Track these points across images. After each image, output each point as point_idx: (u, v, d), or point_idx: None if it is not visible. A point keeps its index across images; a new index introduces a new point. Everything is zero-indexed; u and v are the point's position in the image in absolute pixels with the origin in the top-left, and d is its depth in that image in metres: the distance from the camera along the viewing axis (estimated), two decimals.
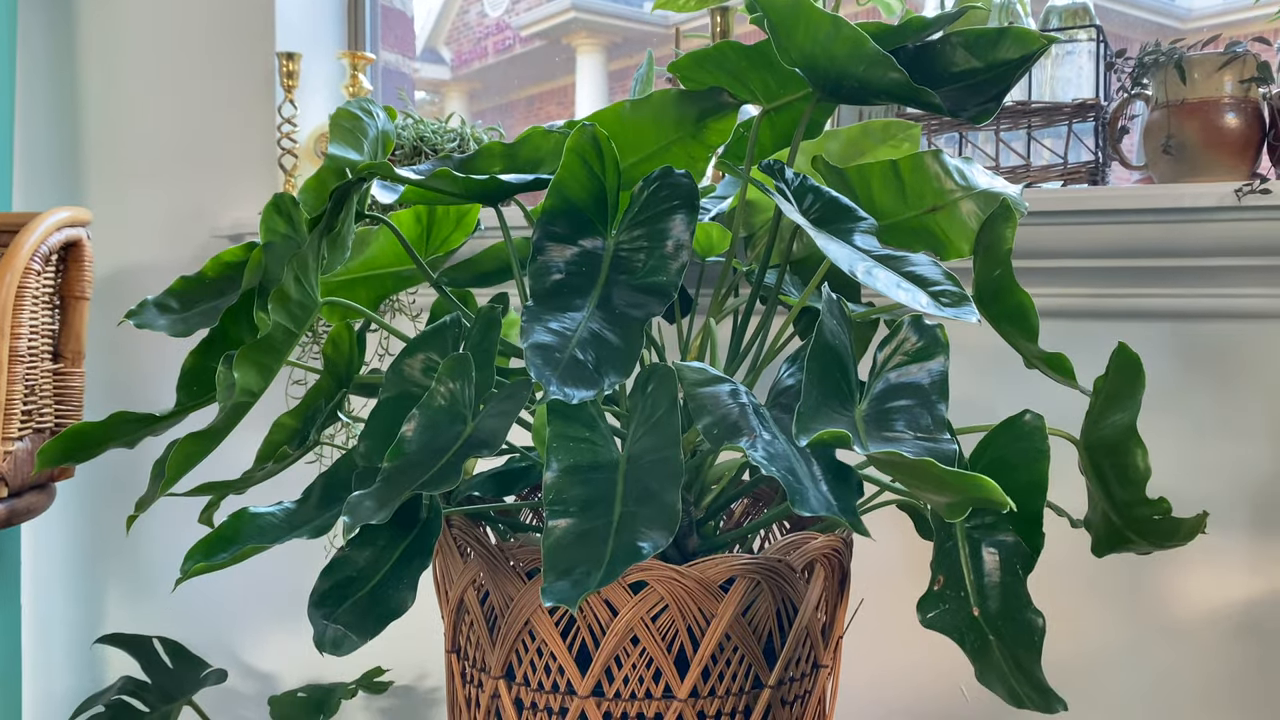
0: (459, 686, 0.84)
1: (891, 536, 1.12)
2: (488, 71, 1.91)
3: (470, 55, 1.94)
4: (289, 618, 1.45)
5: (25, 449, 1.07)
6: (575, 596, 0.55)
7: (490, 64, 1.91)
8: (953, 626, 0.60)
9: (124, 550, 1.53)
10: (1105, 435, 0.70)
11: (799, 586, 0.79)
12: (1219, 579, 1.03)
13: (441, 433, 0.66)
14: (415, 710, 1.39)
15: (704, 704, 0.76)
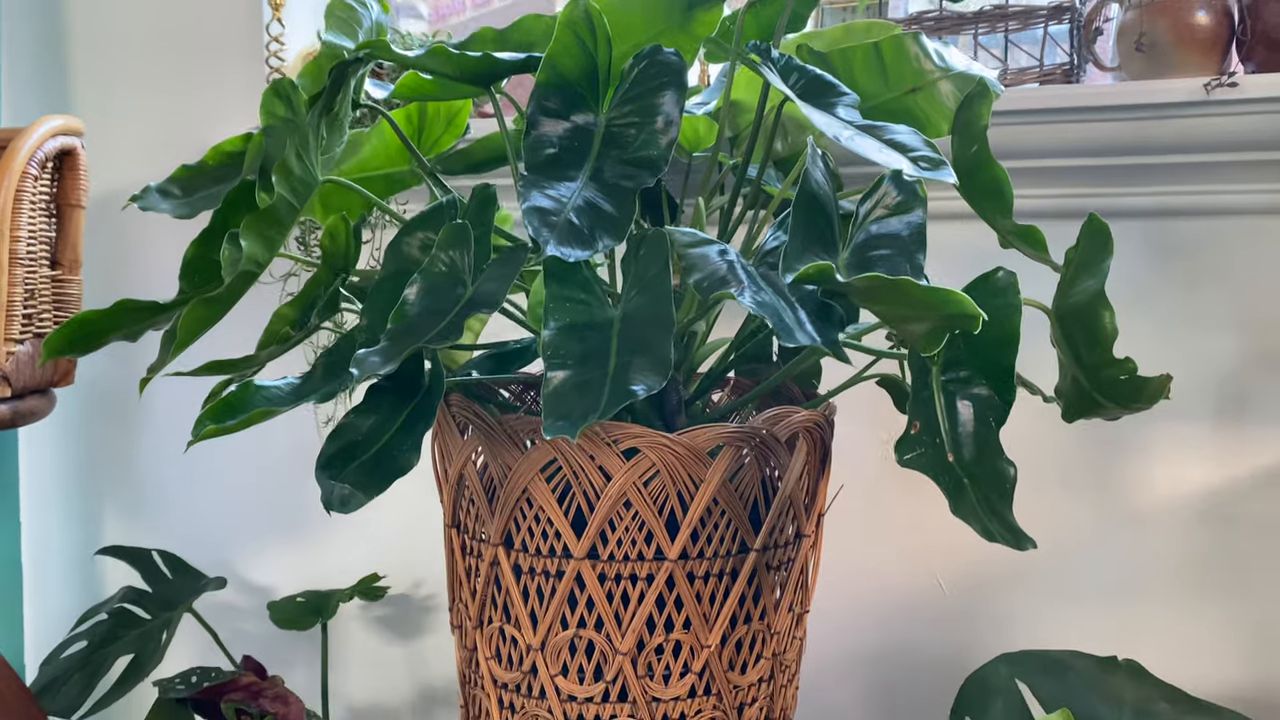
0: (459, 559, 0.87)
1: (869, 433, 1.17)
2: (465, 26, 1.91)
3: (448, 10, 1.94)
4: (285, 534, 1.49)
5: (27, 352, 1.09)
6: (574, 429, 0.58)
7: (467, 19, 1.91)
8: (929, 467, 0.64)
9: (120, 469, 1.56)
10: (1075, 302, 0.73)
11: (783, 457, 0.82)
12: (1183, 468, 1.07)
13: (442, 296, 0.68)
14: (410, 616, 1.43)
15: (693, 565, 0.80)
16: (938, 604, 1.16)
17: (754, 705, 0.85)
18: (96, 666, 1.28)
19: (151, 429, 1.54)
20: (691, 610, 0.80)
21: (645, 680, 0.81)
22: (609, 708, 0.81)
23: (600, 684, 0.81)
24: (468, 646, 0.88)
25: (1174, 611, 1.07)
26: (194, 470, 1.52)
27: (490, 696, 0.86)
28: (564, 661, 0.81)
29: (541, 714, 0.83)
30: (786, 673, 0.89)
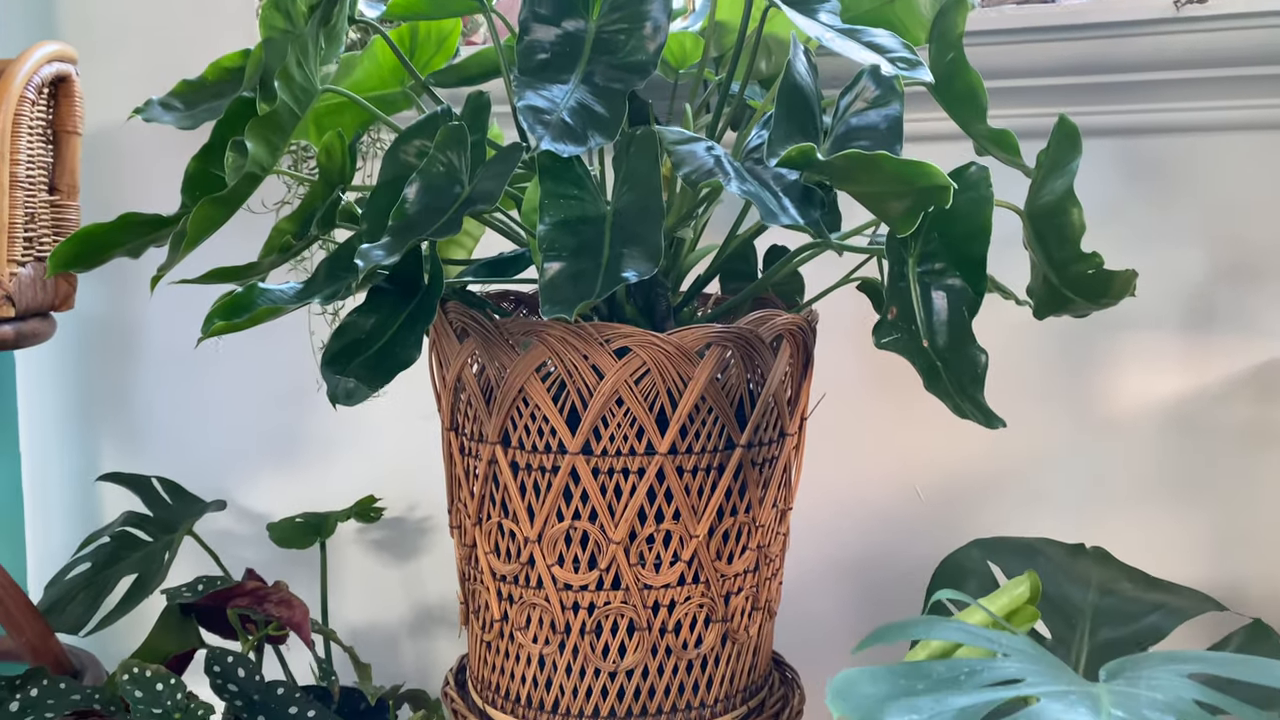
0: (457, 461, 0.91)
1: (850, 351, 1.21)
2: None
3: None
4: (281, 463, 1.52)
5: (28, 275, 1.11)
6: (570, 310, 0.62)
7: None
8: (905, 350, 0.68)
9: (117, 401, 1.58)
10: (1046, 202, 0.77)
11: (767, 357, 0.86)
12: (1151, 378, 1.12)
13: (441, 194, 0.71)
14: (406, 538, 1.47)
15: (682, 460, 0.84)
16: (916, 513, 1.21)
17: (740, 594, 0.89)
18: (101, 586, 1.32)
19: (148, 361, 1.56)
20: (681, 502, 0.84)
21: (637, 568, 0.85)
22: (603, 595, 0.85)
23: (594, 572, 0.85)
24: (467, 544, 0.92)
25: (1141, 515, 1.12)
26: (191, 402, 1.55)
27: (489, 589, 0.90)
28: (560, 552, 0.85)
29: (539, 603, 0.87)
30: (771, 566, 0.93)
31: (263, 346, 1.48)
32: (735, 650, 0.90)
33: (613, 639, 0.86)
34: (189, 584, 1.15)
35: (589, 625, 0.86)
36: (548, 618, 0.87)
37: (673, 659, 0.87)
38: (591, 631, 0.86)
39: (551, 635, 0.87)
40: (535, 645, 0.88)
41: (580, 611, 0.86)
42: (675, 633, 0.87)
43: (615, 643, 0.86)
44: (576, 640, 0.86)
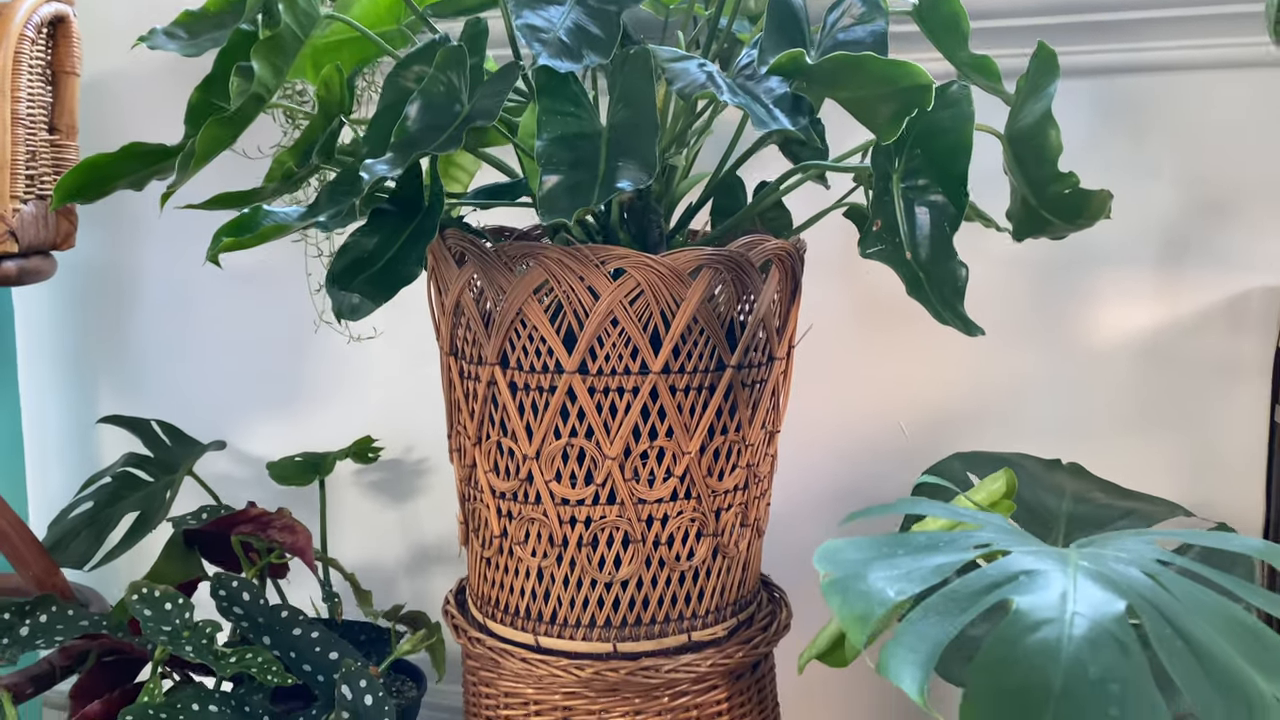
0: (457, 384, 0.94)
1: (837, 289, 1.24)
2: None
3: None
4: (279, 408, 1.54)
5: (31, 212, 1.13)
6: (570, 214, 0.64)
7: None
8: (889, 260, 0.71)
9: (114, 348, 1.60)
10: (1025, 124, 0.80)
11: (757, 281, 0.89)
12: (1127, 311, 1.15)
13: (442, 113, 0.74)
14: (403, 480, 1.50)
15: (675, 379, 0.87)
16: (900, 444, 1.24)
17: (730, 510, 0.93)
18: (104, 524, 1.34)
19: (145, 308, 1.58)
20: (674, 420, 0.87)
21: (632, 483, 0.88)
22: (599, 509, 0.89)
23: (591, 487, 0.88)
24: (467, 464, 0.95)
25: (1116, 442, 1.16)
26: (188, 348, 1.57)
27: (489, 507, 0.93)
28: (557, 468, 0.89)
29: (537, 517, 0.90)
30: (759, 485, 0.96)
31: (259, 291, 1.50)
32: (726, 564, 0.94)
33: (608, 551, 0.89)
34: (193, 512, 1.18)
35: (585, 538, 0.89)
36: (545, 532, 0.90)
37: (666, 571, 0.91)
38: (588, 544, 0.89)
39: (549, 549, 0.90)
40: (534, 559, 0.91)
41: (577, 525, 0.89)
42: (668, 545, 0.90)
43: (611, 555, 0.90)
44: (574, 553, 0.90)
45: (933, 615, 0.43)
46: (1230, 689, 0.40)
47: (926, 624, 0.43)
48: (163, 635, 0.96)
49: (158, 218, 1.54)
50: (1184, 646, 0.42)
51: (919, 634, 0.42)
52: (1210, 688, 0.40)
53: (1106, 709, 0.37)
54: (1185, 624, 0.43)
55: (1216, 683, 0.40)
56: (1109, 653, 0.39)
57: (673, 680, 0.91)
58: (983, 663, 0.40)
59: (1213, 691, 0.40)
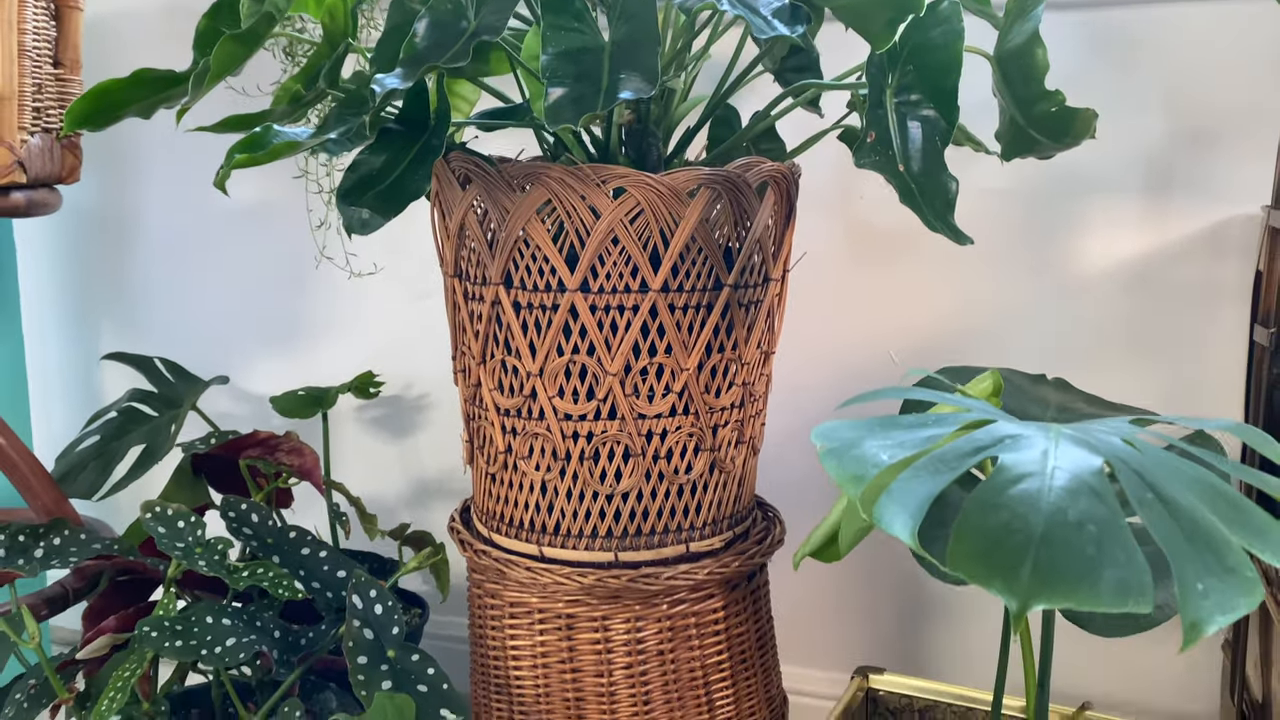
0: (462, 305, 0.96)
1: (828, 221, 1.26)
2: None
3: None
4: (279, 347, 1.57)
5: (37, 144, 1.14)
6: (575, 119, 0.67)
7: None
8: (882, 170, 0.73)
9: (115, 290, 1.62)
10: (1013, 45, 0.82)
11: (753, 201, 0.92)
12: (1113, 239, 1.18)
13: (448, 29, 0.76)
14: (404, 416, 1.53)
15: (674, 297, 0.90)
16: (890, 373, 1.28)
17: (727, 427, 0.96)
18: (110, 456, 1.37)
19: (146, 249, 1.60)
20: (672, 337, 0.90)
21: (632, 399, 0.91)
22: (600, 424, 0.92)
23: (593, 403, 0.91)
24: (472, 383, 0.98)
25: (1101, 367, 1.20)
26: (189, 287, 1.59)
27: (494, 424, 0.96)
28: (560, 385, 0.91)
29: (540, 432, 0.93)
30: (755, 404, 0.99)
31: (259, 230, 1.52)
32: (722, 479, 0.97)
33: (609, 465, 0.93)
34: (202, 438, 1.20)
35: (588, 452, 0.92)
36: (549, 446, 0.93)
37: (665, 484, 0.94)
38: (590, 458, 0.92)
39: (553, 463, 0.93)
40: (538, 473, 0.94)
41: (579, 440, 0.92)
42: (667, 459, 0.93)
43: (612, 468, 0.93)
44: (576, 466, 0.93)
45: (922, 474, 0.46)
46: (1201, 540, 0.43)
47: (916, 481, 0.46)
48: (176, 550, 0.99)
49: (159, 158, 1.56)
50: (1156, 499, 0.45)
51: (909, 490, 0.45)
52: (1182, 538, 0.43)
53: (1084, 547, 0.41)
54: (1160, 483, 0.46)
55: (1189, 535, 0.43)
56: (1086, 500, 0.42)
57: (671, 587, 0.94)
58: (969, 509, 0.44)
59: (1184, 541, 0.43)
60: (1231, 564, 0.42)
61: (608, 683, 0.95)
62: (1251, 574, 0.42)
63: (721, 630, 0.98)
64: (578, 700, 0.96)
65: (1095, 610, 0.39)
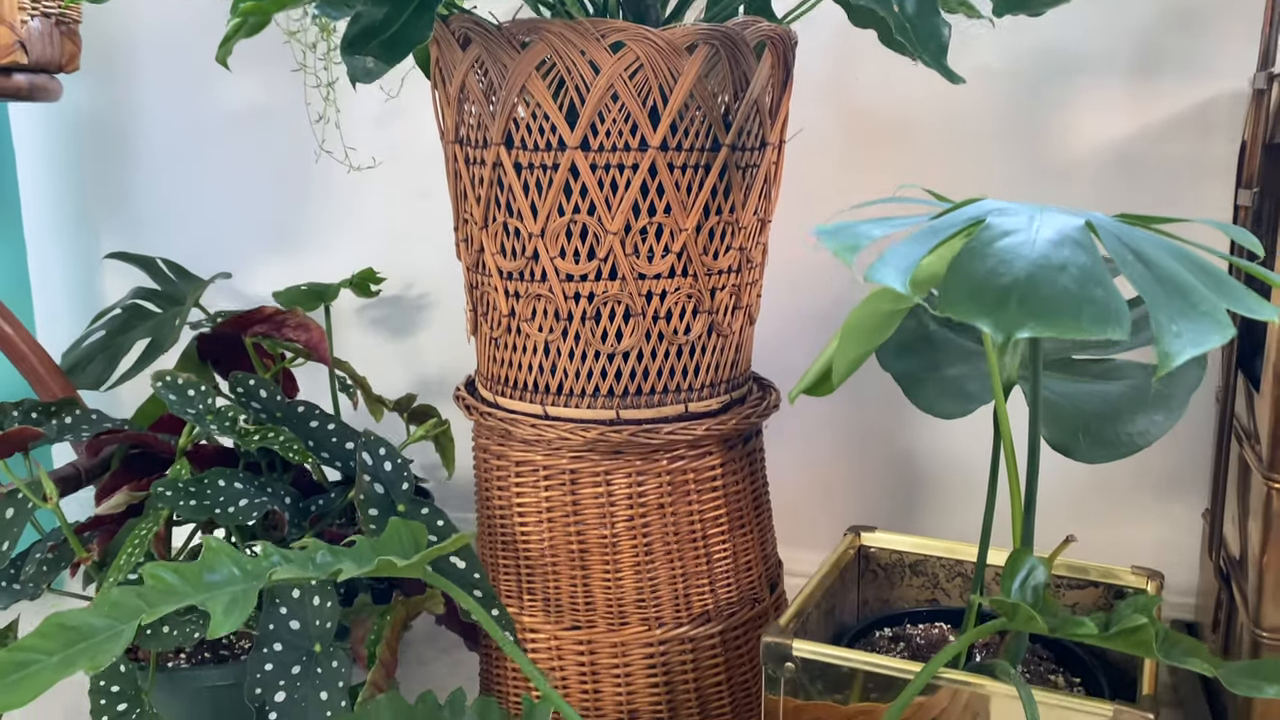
0: (463, 172, 0.98)
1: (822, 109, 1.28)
2: None
3: None
4: (279, 249, 1.58)
5: (37, 28, 1.15)
6: None
7: None
8: (878, 5, 0.75)
9: (114, 196, 1.63)
10: None
11: (751, 60, 0.93)
12: (1101, 121, 1.20)
13: None
14: (404, 315, 1.55)
15: (672, 156, 0.92)
16: None
17: (724, 290, 0.98)
18: (117, 350, 1.39)
19: (142, 153, 1.61)
20: (671, 196, 0.92)
21: (632, 258, 0.93)
22: (601, 284, 0.94)
23: (594, 262, 0.93)
24: (474, 250, 1.00)
25: None
26: (187, 191, 1.60)
27: (498, 289, 0.98)
28: (561, 245, 0.93)
29: (543, 294, 0.95)
30: (752, 271, 1.02)
31: (257, 129, 1.53)
32: (720, 343, 1.00)
33: (610, 325, 0.95)
34: (208, 317, 1.22)
35: (589, 312, 0.95)
36: (551, 308, 0.95)
37: (665, 344, 0.96)
38: (591, 318, 0.95)
39: (555, 324, 0.96)
40: (540, 334, 0.97)
41: (581, 300, 0.95)
42: (666, 320, 0.96)
43: (613, 328, 0.95)
44: (578, 327, 0.95)
45: (914, 240, 0.49)
46: (1178, 292, 0.46)
47: (908, 245, 0.48)
48: (188, 415, 1.01)
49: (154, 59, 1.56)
50: (1136, 259, 0.47)
51: (901, 252, 0.48)
52: (1160, 290, 0.45)
53: (1066, 285, 0.43)
54: (1141, 247, 0.48)
55: (1167, 289, 0.46)
56: (1069, 249, 0.45)
57: (671, 442, 0.97)
58: (959, 259, 0.46)
59: (1162, 293, 0.45)
60: (1205, 310, 0.44)
61: (610, 535, 0.98)
62: (1224, 319, 0.45)
63: (719, 486, 1.01)
64: (582, 552, 0.99)
65: (1075, 338, 0.42)
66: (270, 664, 0.95)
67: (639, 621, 1.00)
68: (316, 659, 0.96)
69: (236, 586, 0.65)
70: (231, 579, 0.66)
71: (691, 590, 1.01)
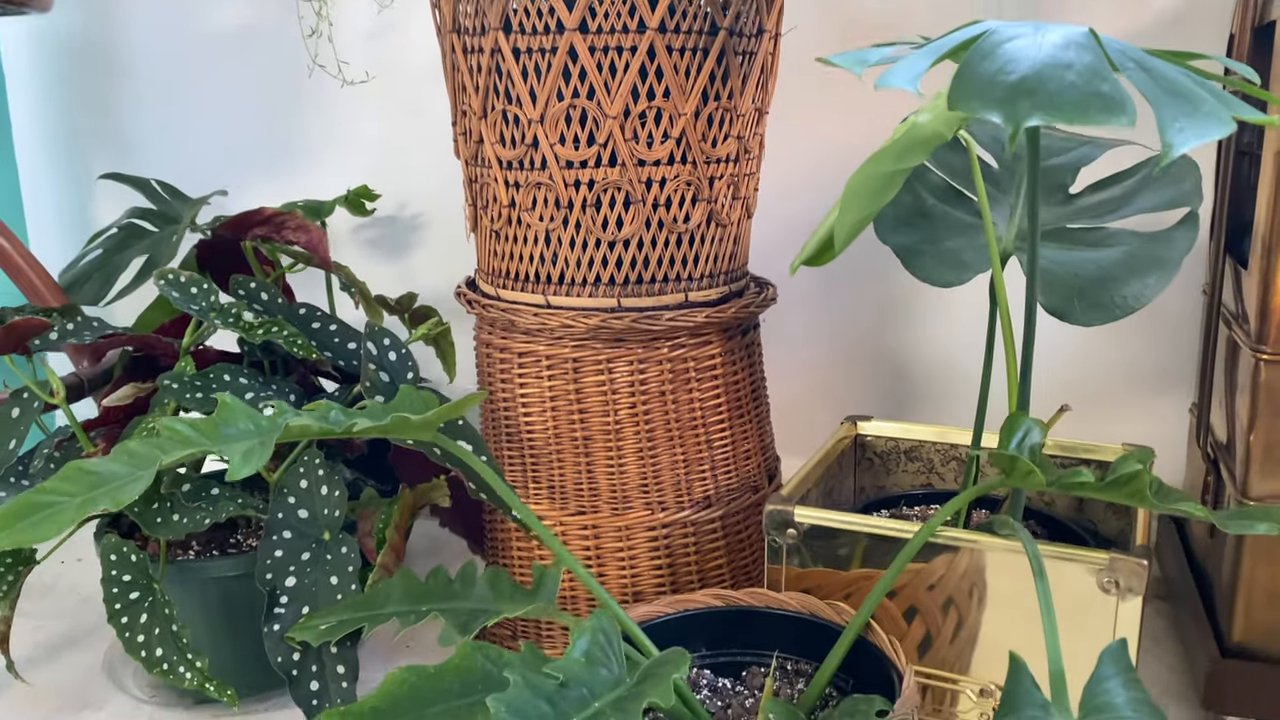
0: (461, 62, 0.98)
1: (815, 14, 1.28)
2: None
3: None
4: (271, 170, 1.58)
5: None
6: None
7: None
8: None
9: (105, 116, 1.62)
10: None
11: None
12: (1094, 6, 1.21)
13: None
14: (399, 235, 1.55)
15: (671, 39, 0.92)
16: None
17: (722, 180, 0.99)
18: (114, 268, 1.39)
19: (132, 75, 1.60)
20: (670, 80, 0.93)
21: (632, 144, 0.94)
22: (601, 171, 0.95)
23: (594, 148, 0.94)
24: (474, 141, 1.00)
25: None
26: (180, 113, 1.59)
27: (497, 179, 0.99)
28: (561, 131, 0.94)
29: (544, 182, 0.96)
30: (749, 163, 1.03)
31: (248, 50, 1.52)
32: (719, 233, 1.01)
33: (611, 213, 0.96)
34: (208, 223, 1.23)
35: (589, 200, 0.96)
36: (551, 196, 0.96)
37: (665, 232, 0.98)
38: (592, 205, 0.96)
39: (555, 212, 0.97)
40: (541, 223, 0.98)
41: (581, 188, 0.95)
42: (666, 208, 0.97)
43: (614, 215, 0.96)
44: (579, 215, 0.96)
45: (921, 53, 0.50)
46: (1181, 95, 0.47)
47: (916, 57, 0.49)
48: (192, 309, 1.02)
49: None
50: (1138, 66, 0.48)
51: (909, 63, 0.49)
52: (1162, 92, 0.47)
53: (1072, 79, 0.44)
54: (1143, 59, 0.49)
55: (1168, 91, 0.47)
56: (1075, 51, 0.46)
57: (672, 329, 0.98)
58: (966, 63, 0.47)
59: (1164, 94, 0.47)
60: (1207, 110, 0.46)
61: (614, 422, 1.00)
62: (1225, 117, 0.46)
63: (719, 375, 1.03)
64: (586, 440, 1.01)
65: (1083, 125, 0.43)
66: (280, 550, 0.96)
67: (642, 506, 1.02)
68: (326, 546, 0.97)
69: (253, 440, 0.67)
70: (247, 433, 0.68)
71: (693, 476, 1.03)
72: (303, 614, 0.94)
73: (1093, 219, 0.85)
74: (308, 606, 0.95)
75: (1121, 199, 0.85)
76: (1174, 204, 0.84)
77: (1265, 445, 0.92)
